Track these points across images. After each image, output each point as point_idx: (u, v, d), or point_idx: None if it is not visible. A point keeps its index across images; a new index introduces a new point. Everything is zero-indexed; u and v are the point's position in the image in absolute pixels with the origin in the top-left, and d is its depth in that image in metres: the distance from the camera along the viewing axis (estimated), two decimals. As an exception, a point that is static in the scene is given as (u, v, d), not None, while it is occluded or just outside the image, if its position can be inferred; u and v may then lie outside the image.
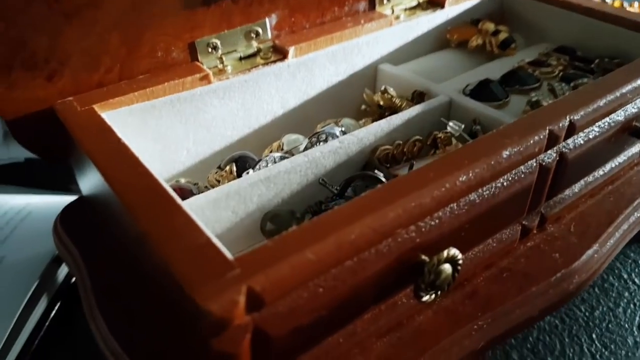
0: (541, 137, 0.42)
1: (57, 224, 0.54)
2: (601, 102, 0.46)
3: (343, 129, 0.55)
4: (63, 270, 0.56)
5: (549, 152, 0.45)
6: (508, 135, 0.41)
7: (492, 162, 0.39)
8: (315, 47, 0.58)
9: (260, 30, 0.56)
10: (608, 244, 0.50)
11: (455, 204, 0.39)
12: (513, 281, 0.46)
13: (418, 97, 0.59)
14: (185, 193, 0.48)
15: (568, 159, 0.47)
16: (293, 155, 0.52)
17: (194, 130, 0.53)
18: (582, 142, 0.48)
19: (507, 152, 0.40)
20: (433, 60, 0.67)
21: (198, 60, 0.54)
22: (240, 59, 0.56)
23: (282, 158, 0.50)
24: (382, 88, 0.59)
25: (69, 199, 0.64)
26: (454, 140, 0.53)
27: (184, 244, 0.32)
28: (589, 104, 0.45)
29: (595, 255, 0.49)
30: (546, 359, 0.53)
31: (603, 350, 0.54)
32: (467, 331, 0.43)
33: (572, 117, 0.44)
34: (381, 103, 0.59)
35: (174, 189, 0.48)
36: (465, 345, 0.42)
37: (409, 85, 0.61)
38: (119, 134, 0.43)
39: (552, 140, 0.43)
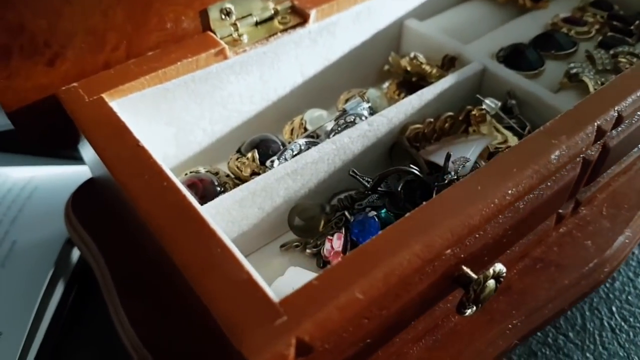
0: (589, 134, 0.39)
1: (69, 210, 0.52)
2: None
3: (369, 104, 0.51)
4: (77, 252, 0.54)
5: (594, 145, 0.42)
6: (555, 135, 0.39)
7: (541, 169, 0.37)
8: (338, 8, 0.53)
9: (276, -10, 0.51)
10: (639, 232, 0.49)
11: (501, 215, 0.37)
12: (546, 274, 0.46)
13: (449, 62, 0.55)
14: (206, 184, 0.46)
15: (610, 148, 0.44)
16: (318, 136, 0.49)
17: (210, 108, 0.50)
18: (624, 128, 0.45)
19: (556, 155, 0.38)
20: (461, 13, 0.62)
21: (210, 29, 0.49)
22: (256, 24, 0.51)
23: (307, 144, 0.47)
24: (412, 55, 0.54)
25: (75, 170, 0.61)
26: (488, 117, 0.50)
27: (224, 280, 0.30)
28: (636, 91, 0.42)
29: (627, 241, 0.48)
30: (567, 333, 0.54)
31: (622, 323, 0.54)
32: (502, 331, 0.43)
33: (618, 108, 0.41)
34: (409, 69, 0.55)
35: (194, 182, 0.46)
36: (499, 345, 0.42)
37: (437, 47, 0.56)
38: (131, 124, 0.39)
39: (599, 135, 0.41)
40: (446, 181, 0.41)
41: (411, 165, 0.44)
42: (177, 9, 0.47)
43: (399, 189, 0.44)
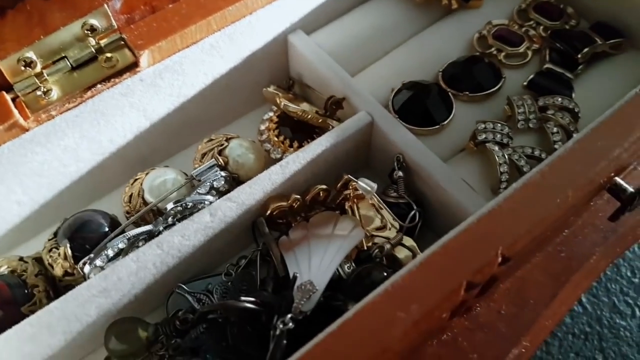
0: (453, 293, 0.30)
1: None
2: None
3: (223, 173, 0.41)
4: None
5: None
6: (403, 302, 0.29)
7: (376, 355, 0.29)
8: (182, 42, 0.40)
9: (96, 23, 0.39)
10: (540, 336, 0.41)
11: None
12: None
13: (332, 106, 0.43)
14: (3, 294, 0.37)
15: (497, 277, 0.35)
16: (160, 212, 0.40)
17: (19, 182, 0.40)
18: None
19: (400, 332, 0.29)
20: (367, 17, 0.48)
21: (8, 86, 0.38)
22: (72, 69, 0.39)
23: (134, 240, 0.38)
24: (282, 104, 0.43)
25: None
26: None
27: None
28: (529, 232, 0.32)
29: (523, 351, 0.41)
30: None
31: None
32: None
33: (503, 249, 0.31)
34: (284, 110, 0.44)
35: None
36: None
37: (322, 79, 0.44)
38: None
39: (470, 287, 0.31)
40: (277, 331, 0.33)
41: (243, 299, 0.35)
42: (-50, 70, 0.35)
43: (232, 321, 0.35)
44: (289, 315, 0.34)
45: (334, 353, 0.29)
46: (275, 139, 0.45)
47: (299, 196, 0.40)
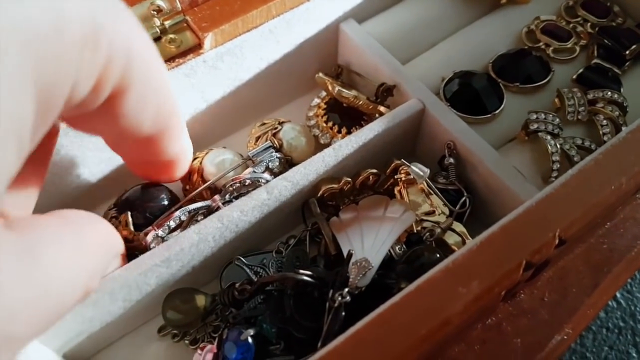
0: (512, 272, 0.31)
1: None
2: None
3: (278, 155, 0.42)
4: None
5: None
6: (464, 277, 0.31)
7: (434, 334, 0.30)
8: (244, 26, 0.42)
9: (162, 4, 0.40)
10: (582, 324, 0.42)
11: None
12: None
13: (383, 93, 0.45)
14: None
15: (550, 260, 0.36)
16: (217, 189, 0.42)
17: (82, 155, 0.41)
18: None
19: (458, 310, 0.30)
20: (416, 8, 0.49)
21: (77, 61, 0.39)
22: (138, 48, 0.41)
23: (194, 213, 0.39)
24: (336, 90, 0.44)
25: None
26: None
27: None
28: (585, 216, 0.33)
29: (565, 338, 0.41)
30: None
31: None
32: None
33: (560, 231, 0.32)
34: (335, 97, 0.45)
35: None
36: None
37: (373, 64, 0.46)
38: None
39: (529, 267, 0.32)
40: (335, 303, 0.34)
41: (301, 272, 0.36)
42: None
43: (289, 293, 0.37)
44: (346, 289, 0.35)
45: (395, 323, 0.30)
46: (324, 124, 0.46)
47: (349, 179, 0.42)
